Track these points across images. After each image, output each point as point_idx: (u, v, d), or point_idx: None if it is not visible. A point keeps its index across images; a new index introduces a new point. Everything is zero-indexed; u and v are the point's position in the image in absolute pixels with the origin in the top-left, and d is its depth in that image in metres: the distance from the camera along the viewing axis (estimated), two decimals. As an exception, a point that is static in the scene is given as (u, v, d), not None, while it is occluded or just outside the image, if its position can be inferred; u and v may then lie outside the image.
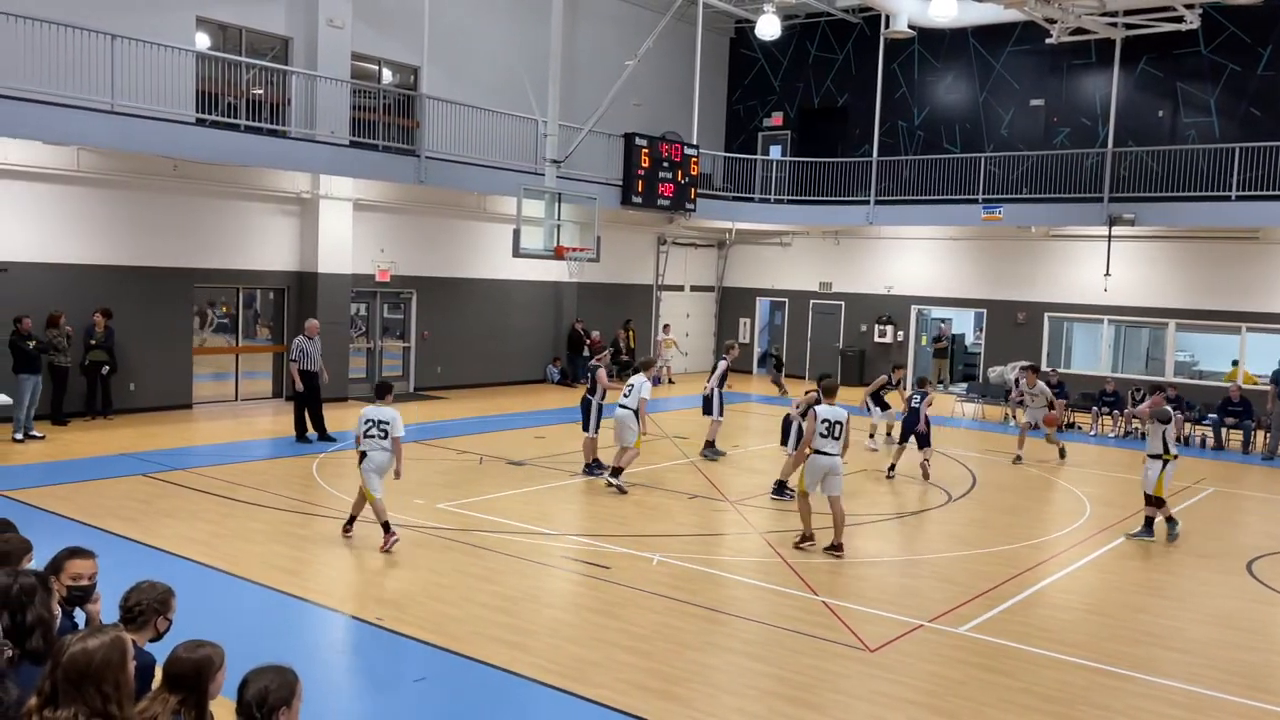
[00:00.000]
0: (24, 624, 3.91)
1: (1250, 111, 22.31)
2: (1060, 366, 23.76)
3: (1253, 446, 18.89)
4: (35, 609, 3.99)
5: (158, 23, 16.72)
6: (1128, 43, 23.08)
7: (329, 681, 6.92)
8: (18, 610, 3.91)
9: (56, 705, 3.24)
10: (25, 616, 3.93)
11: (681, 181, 23.51)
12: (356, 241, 20.29)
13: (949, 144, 26.27)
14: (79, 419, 16.29)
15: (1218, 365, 23.11)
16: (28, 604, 3.97)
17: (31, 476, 12.51)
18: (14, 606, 3.91)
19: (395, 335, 22.10)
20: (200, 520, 10.84)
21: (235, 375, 19.35)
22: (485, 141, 20.62)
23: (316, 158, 18.35)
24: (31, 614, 3.95)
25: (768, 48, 28.45)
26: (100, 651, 3.30)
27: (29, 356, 14.91)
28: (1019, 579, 10.00)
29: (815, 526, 10.78)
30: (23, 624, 3.90)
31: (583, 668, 7.27)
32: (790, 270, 28.78)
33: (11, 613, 3.90)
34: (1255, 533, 12.85)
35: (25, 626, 3.91)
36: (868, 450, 16.65)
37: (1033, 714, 6.82)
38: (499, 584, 9.14)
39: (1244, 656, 8.14)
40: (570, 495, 13.06)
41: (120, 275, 17.10)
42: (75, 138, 15.36)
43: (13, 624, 3.89)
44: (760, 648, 7.85)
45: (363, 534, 10.54)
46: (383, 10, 20.53)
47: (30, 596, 4.00)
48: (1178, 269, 22.93)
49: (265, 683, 3.51)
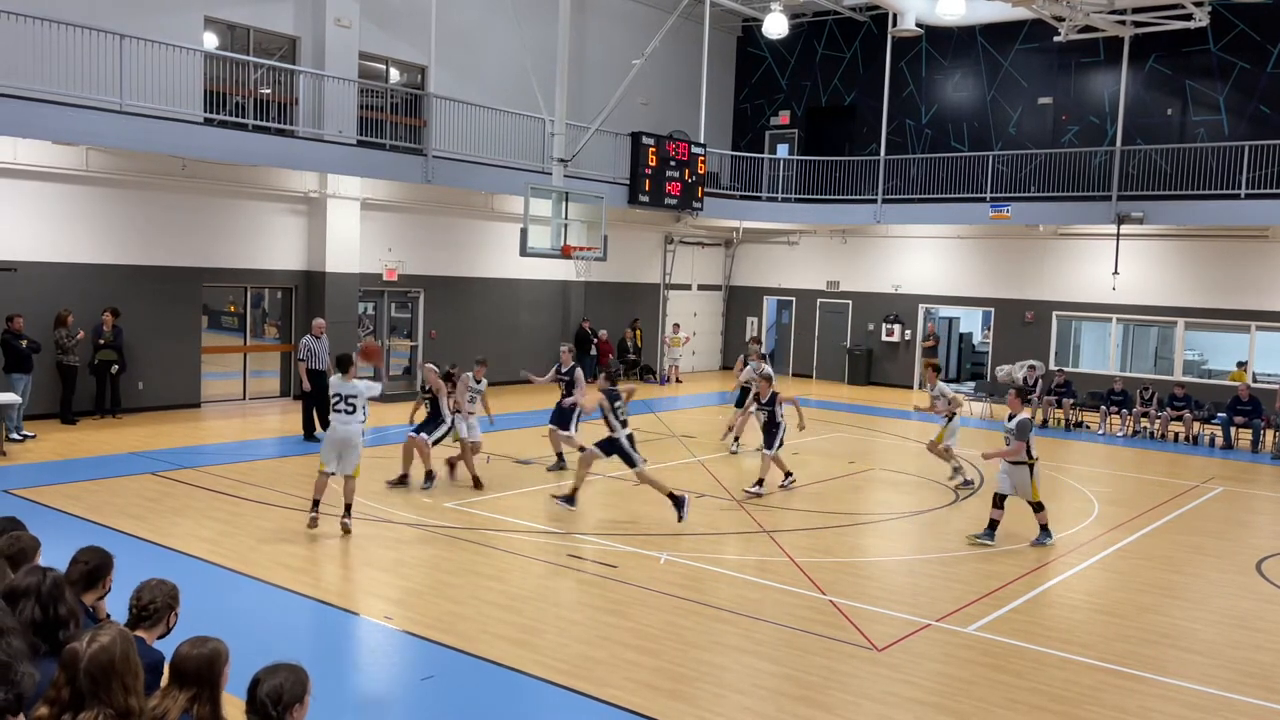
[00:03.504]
0: (56, 618, 3.93)
1: (1260, 109, 22.22)
2: (1068, 365, 23.73)
3: (1262, 445, 18.82)
4: (67, 603, 4.02)
5: (166, 23, 16.77)
6: (1136, 40, 23.02)
7: (337, 680, 6.93)
8: (49, 605, 3.93)
9: (78, 709, 3.25)
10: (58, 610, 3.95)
11: (688, 180, 23.50)
12: (364, 241, 20.33)
13: (957, 142, 26.21)
14: (88, 418, 16.35)
15: (1227, 364, 23.02)
16: (59, 599, 4.00)
17: (40, 475, 12.56)
18: (45, 602, 3.93)
19: (403, 334, 22.13)
20: (209, 519, 10.87)
21: (243, 374, 19.40)
22: (492, 141, 20.64)
23: (324, 157, 18.38)
24: (64, 608, 3.98)
25: (775, 46, 28.41)
26: (118, 646, 3.36)
27: (21, 355, 14.94)
28: (1027, 578, 9.97)
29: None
30: (55, 619, 3.93)
31: (590, 667, 7.27)
32: (797, 269, 28.74)
33: (44, 608, 3.92)
34: (1265, 532, 12.79)
35: (59, 620, 3.94)
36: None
37: (1041, 714, 6.80)
38: (507, 583, 9.14)
39: (1256, 656, 8.10)
40: (577, 494, 13.03)
41: (129, 275, 17.16)
42: (84, 137, 15.41)
43: (45, 618, 3.90)
44: (768, 647, 7.84)
45: (364, 533, 10.56)
46: (390, 10, 20.56)
47: (60, 591, 4.03)
48: (1187, 268, 22.86)
49: (280, 680, 3.54)
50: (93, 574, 4.57)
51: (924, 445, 14.96)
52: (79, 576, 4.53)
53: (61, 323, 15.80)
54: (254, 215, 18.98)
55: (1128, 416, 20.10)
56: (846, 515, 12.43)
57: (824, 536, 11.38)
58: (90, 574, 4.56)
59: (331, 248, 19.64)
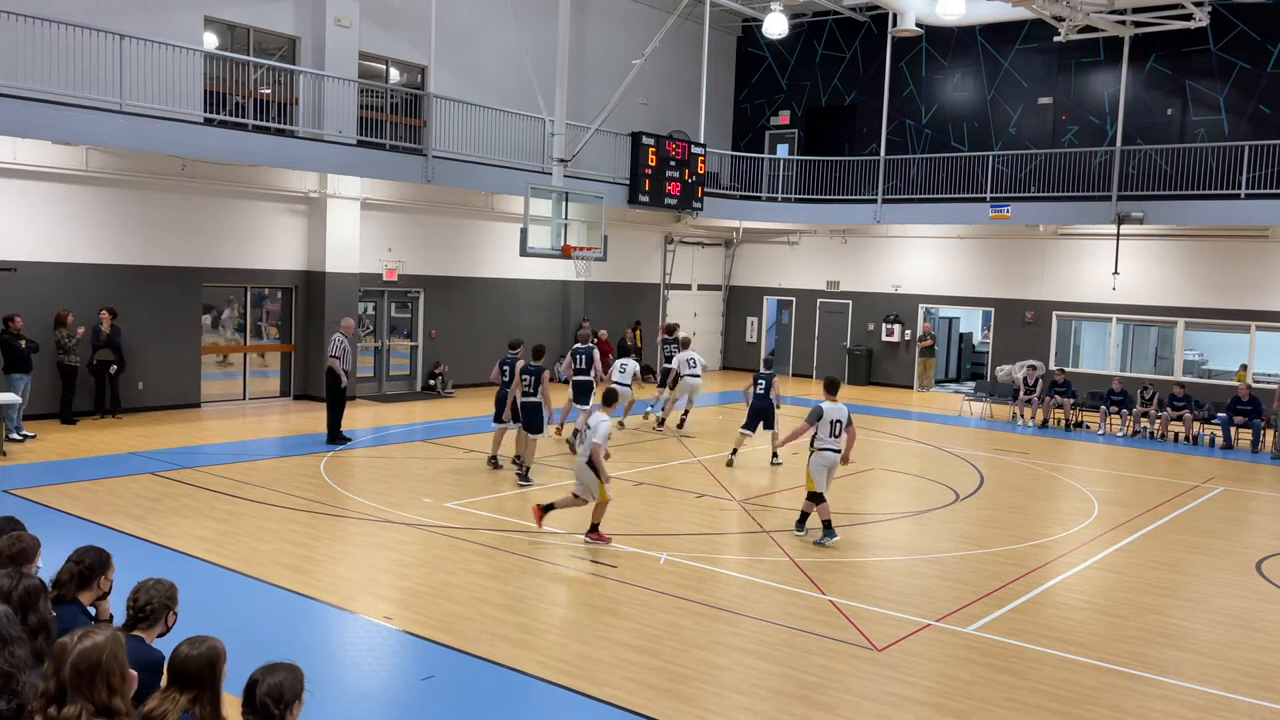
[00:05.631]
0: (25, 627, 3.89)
1: (1260, 109, 22.22)
2: (1068, 365, 23.72)
3: (1262, 445, 18.81)
4: (39, 612, 4.00)
5: (166, 23, 16.77)
6: (1136, 40, 23.02)
7: (337, 680, 6.93)
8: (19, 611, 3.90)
9: (61, 704, 3.26)
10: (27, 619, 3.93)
11: (688, 180, 23.50)
12: (364, 241, 20.33)
13: (957, 142, 26.21)
14: (88, 418, 16.35)
15: (1227, 364, 23.03)
16: (30, 607, 3.98)
17: (40, 475, 12.56)
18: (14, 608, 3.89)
19: (403, 334, 22.13)
20: (209, 519, 10.87)
21: (244, 374, 19.40)
22: (493, 141, 20.64)
23: (324, 157, 18.38)
24: (34, 617, 3.97)
25: (775, 46, 28.42)
26: (106, 647, 3.35)
27: (20, 355, 14.93)
28: (1027, 578, 9.98)
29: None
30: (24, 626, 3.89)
31: (590, 667, 7.27)
32: (797, 269, 28.74)
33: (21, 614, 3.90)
34: (1265, 532, 12.78)
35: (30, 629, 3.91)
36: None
37: (1041, 714, 6.80)
38: (507, 583, 9.14)
39: (1256, 656, 8.11)
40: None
41: (129, 275, 17.15)
42: (84, 137, 15.40)
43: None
44: (768, 647, 7.84)
45: (367, 533, 10.57)
46: (390, 10, 20.56)
47: (33, 600, 4.01)
48: (1186, 267, 22.86)
49: (280, 678, 3.57)
50: (86, 574, 4.55)
51: (924, 445, 15.02)
52: (70, 576, 4.52)
53: (62, 323, 15.80)
54: (254, 215, 18.98)
55: (1128, 416, 20.10)
56: (846, 515, 12.42)
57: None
58: (84, 574, 4.54)
59: (331, 248, 19.63)
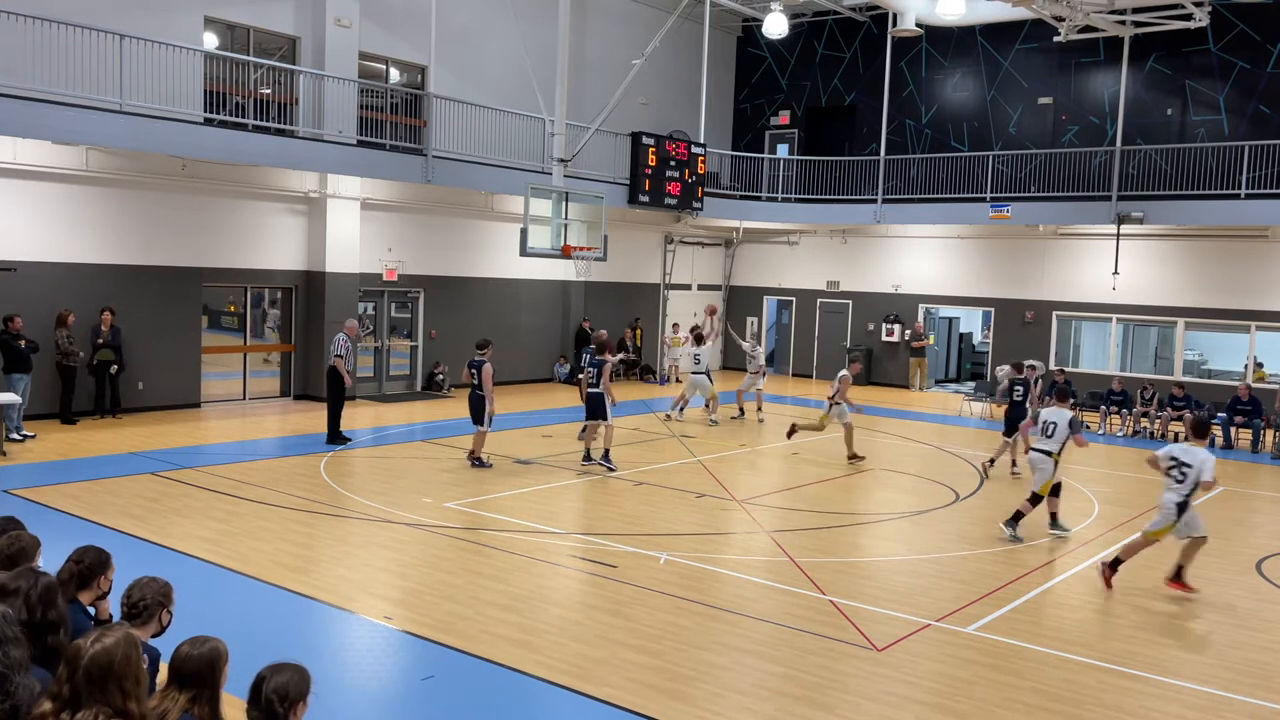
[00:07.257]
0: (45, 623, 3.92)
1: (1260, 109, 22.22)
2: (1068, 365, 23.72)
3: (1262, 445, 18.81)
4: (57, 609, 4.01)
5: (166, 23, 16.77)
6: (1136, 40, 23.01)
7: (337, 680, 6.93)
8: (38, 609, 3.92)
9: (76, 708, 3.25)
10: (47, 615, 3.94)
11: (688, 180, 23.50)
12: (364, 241, 20.32)
13: (957, 142, 26.21)
14: (88, 418, 16.35)
15: (1227, 364, 23.03)
16: (49, 604, 3.99)
17: (40, 475, 12.56)
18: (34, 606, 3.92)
19: (403, 334, 22.13)
20: (209, 519, 10.87)
21: (243, 374, 19.39)
22: (493, 141, 20.64)
23: (324, 157, 18.38)
24: (54, 613, 3.97)
25: (775, 46, 28.41)
26: (120, 649, 3.34)
27: (20, 355, 14.93)
28: (1027, 578, 9.98)
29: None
30: (44, 623, 3.92)
31: (590, 667, 7.27)
32: (797, 269, 28.74)
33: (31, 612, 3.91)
34: (1265, 532, 12.78)
35: (47, 625, 3.93)
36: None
37: (1042, 714, 6.80)
38: (507, 583, 9.14)
39: (1256, 656, 8.10)
40: (578, 494, 13.07)
41: (128, 274, 17.15)
42: (84, 137, 15.40)
43: (32, 622, 3.89)
44: (768, 647, 7.84)
45: (367, 532, 10.57)
46: (390, 10, 20.56)
47: (51, 597, 4.01)
48: (1187, 267, 22.85)
49: (285, 677, 3.59)
50: (85, 573, 4.55)
51: (923, 444, 15.00)
52: (69, 576, 4.52)
53: (62, 323, 15.79)
54: (254, 215, 18.98)
55: (1128, 416, 20.10)
56: (846, 515, 12.43)
57: (824, 536, 11.39)
58: (83, 573, 4.54)
59: (331, 248, 19.63)
